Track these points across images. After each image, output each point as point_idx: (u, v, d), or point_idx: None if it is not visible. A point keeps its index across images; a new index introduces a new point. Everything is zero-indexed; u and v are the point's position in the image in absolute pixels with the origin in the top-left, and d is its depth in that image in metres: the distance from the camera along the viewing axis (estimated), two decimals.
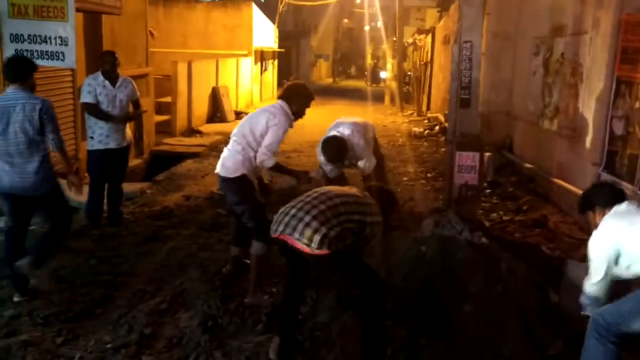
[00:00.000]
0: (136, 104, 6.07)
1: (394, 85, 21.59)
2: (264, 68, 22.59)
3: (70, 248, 5.21)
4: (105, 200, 5.95)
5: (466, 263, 3.65)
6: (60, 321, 3.84)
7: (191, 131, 13.25)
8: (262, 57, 22.09)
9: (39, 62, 6.56)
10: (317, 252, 3.00)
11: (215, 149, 11.08)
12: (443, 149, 11.82)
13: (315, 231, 3.02)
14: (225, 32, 19.80)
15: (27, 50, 6.44)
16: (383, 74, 29.48)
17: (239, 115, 16.70)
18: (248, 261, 4.65)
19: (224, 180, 4.19)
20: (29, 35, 6.41)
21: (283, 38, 25.91)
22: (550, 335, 3.48)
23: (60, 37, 6.43)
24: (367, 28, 44.41)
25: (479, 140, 6.01)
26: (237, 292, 4.18)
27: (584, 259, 4.94)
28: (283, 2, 23.25)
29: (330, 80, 41.85)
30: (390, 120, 17.59)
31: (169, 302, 4.05)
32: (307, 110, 4.46)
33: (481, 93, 9.22)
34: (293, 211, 3.18)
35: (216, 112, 15.70)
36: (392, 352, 3.28)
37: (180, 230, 5.75)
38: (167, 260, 4.93)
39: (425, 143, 12.85)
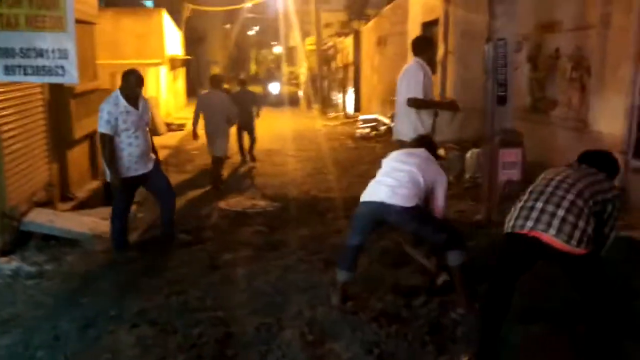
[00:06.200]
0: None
1: (309, 89, 21.65)
2: (174, 77, 21.68)
3: (131, 285, 4.63)
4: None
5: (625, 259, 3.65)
6: None
7: None
8: (172, 65, 21.18)
9: (35, 79, 5.86)
10: (577, 250, 2.84)
11: (166, 164, 10.24)
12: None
13: (575, 226, 2.85)
14: (135, 40, 18.73)
15: (19, 67, 5.66)
16: (274, 86, 27.87)
17: (169, 126, 15.88)
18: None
19: (403, 210, 3.93)
20: (21, 49, 5.62)
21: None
22: None
23: (59, 49, 5.70)
24: (253, 31, 44.19)
25: (520, 136, 6.11)
26: (376, 315, 3.88)
27: None
28: (189, 8, 22.44)
29: (226, 86, 41.04)
30: (321, 123, 17.58)
31: (309, 333, 3.68)
32: None
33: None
34: (540, 205, 2.99)
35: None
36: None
37: (235, 254, 5.28)
38: (255, 287, 4.49)
39: (377, 144, 12.93)
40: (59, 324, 3.95)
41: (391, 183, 4.01)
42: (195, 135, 9.09)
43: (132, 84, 5.18)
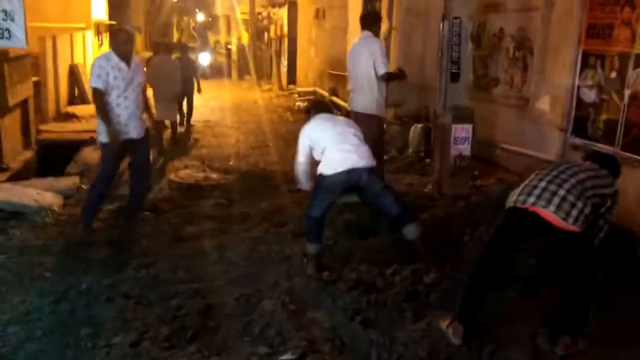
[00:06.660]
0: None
1: (240, 59, 21.32)
2: (100, 43, 20.69)
3: (95, 258, 4.52)
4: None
5: None
6: (186, 341, 3.37)
7: (65, 115, 11.83)
8: (98, 30, 20.19)
9: None
10: (572, 227, 3.04)
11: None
12: None
13: (573, 205, 3.05)
14: (59, 1, 17.69)
15: None
16: (204, 55, 25.50)
17: None
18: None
19: (371, 169, 4.04)
20: None
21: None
22: None
23: (5, 10, 5.43)
24: None
25: (471, 112, 6.36)
26: (353, 284, 3.99)
27: None
28: None
29: (149, 54, 39.63)
30: (256, 95, 17.40)
31: (290, 302, 3.75)
32: None
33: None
34: (543, 184, 3.17)
35: (74, 93, 14.12)
36: None
37: (199, 227, 5.24)
38: (227, 259, 4.51)
39: None
40: (27, 299, 3.82)
41: (351, 148, 4.19)
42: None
43: (121, 41, 4.98)
